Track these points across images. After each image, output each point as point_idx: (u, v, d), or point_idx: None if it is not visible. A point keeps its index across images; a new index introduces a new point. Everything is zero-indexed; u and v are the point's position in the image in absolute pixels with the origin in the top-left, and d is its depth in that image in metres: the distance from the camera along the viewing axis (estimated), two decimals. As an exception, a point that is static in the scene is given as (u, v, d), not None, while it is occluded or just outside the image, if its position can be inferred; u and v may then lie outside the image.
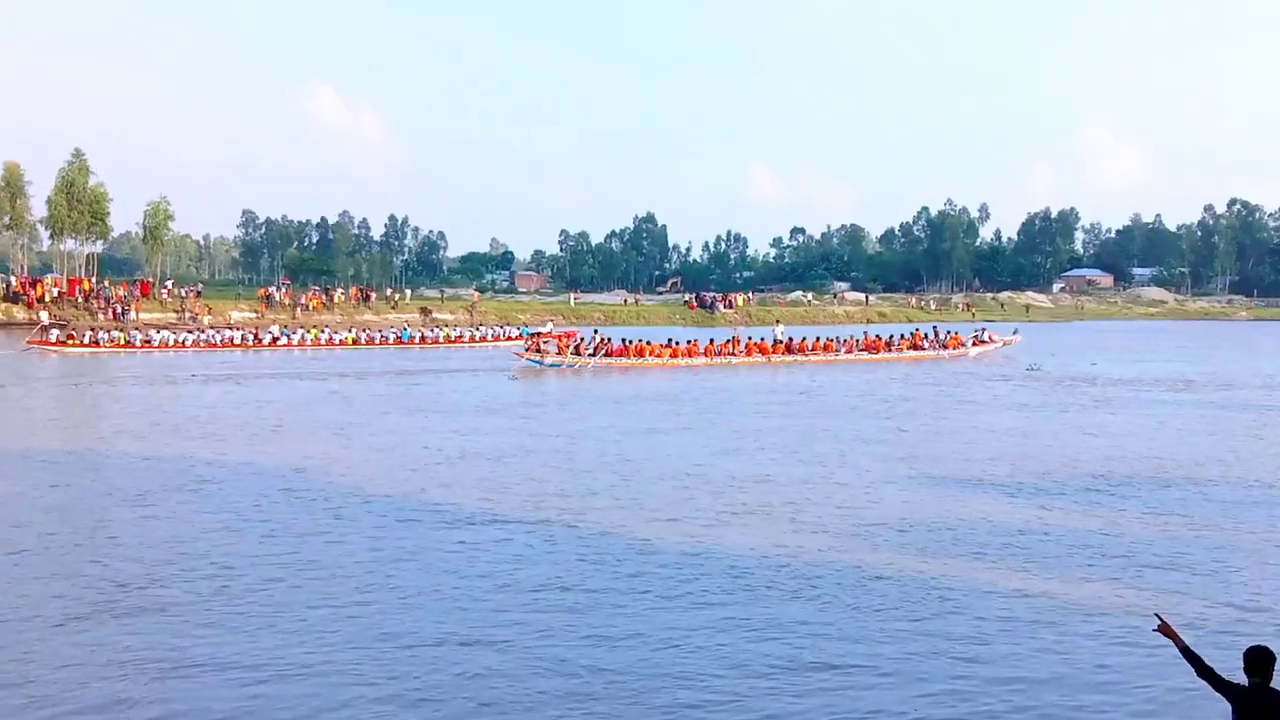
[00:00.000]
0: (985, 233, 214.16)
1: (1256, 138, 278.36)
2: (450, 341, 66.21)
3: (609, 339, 51.43)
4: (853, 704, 9.95)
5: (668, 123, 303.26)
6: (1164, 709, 9.95)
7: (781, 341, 55.06)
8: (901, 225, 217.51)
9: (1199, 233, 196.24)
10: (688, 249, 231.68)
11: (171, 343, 59.74)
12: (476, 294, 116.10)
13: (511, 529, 16.44)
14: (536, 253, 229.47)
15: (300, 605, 12.77)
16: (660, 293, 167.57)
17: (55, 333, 60.03)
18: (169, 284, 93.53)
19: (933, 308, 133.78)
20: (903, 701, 9.99)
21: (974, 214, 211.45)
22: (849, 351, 54.74)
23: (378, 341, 64.38)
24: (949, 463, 22.85)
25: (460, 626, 12.00)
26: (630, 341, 51.07)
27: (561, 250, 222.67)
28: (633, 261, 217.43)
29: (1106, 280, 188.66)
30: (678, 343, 52.03)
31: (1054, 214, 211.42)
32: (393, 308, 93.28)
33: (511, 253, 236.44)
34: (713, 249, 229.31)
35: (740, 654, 11.18)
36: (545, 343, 49.84)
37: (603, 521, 16.76)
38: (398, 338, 65.81)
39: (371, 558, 14.79)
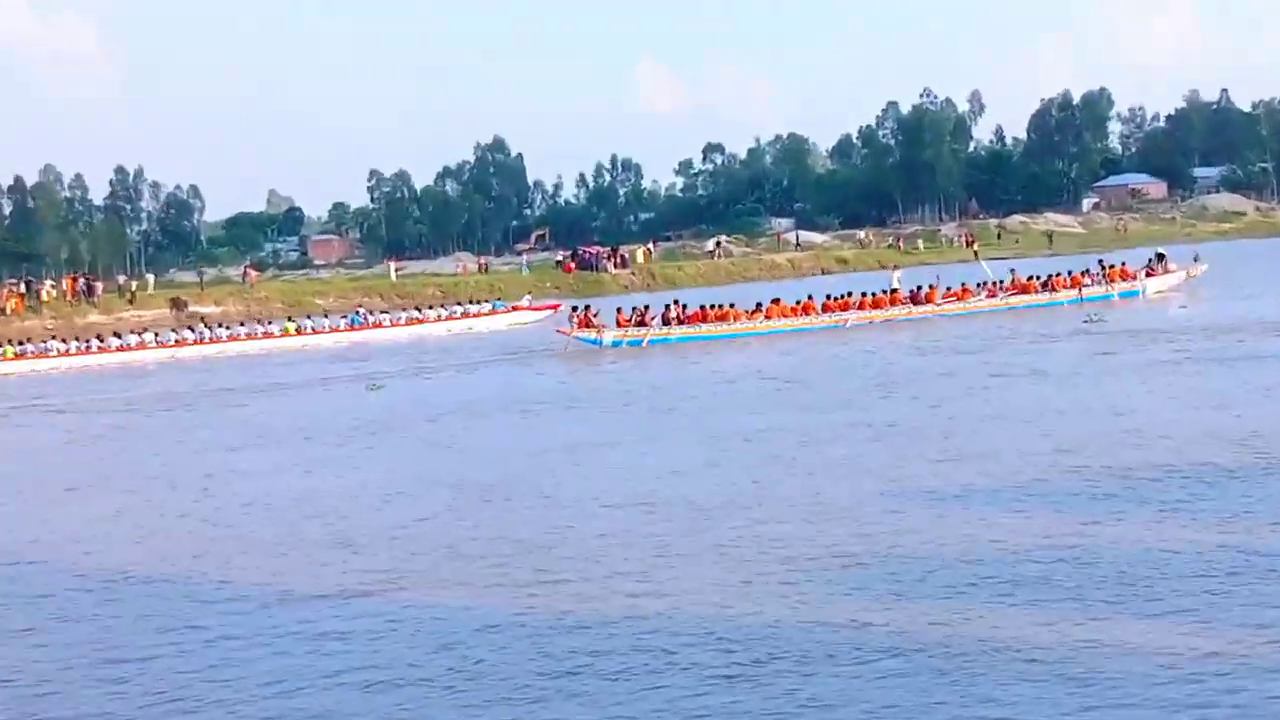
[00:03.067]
0: (981, 133, 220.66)
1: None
2: (415, 322, 73.57)
3: (683, 305, 55.91)
4: None
5: (510, 9, 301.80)
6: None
7: (898, 290, 59.86)
8: (862, 131, 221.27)
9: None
10: (556, 186, 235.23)
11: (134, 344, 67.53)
12: (252, 273, 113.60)
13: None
14: (337, 207, 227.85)
15: None
16: (522, 252, 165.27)
17: None
18: None
19: (901, 246, 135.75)
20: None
21: (963, 108, 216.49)
22: (991, 297, 58.92)
23: (375, 324, 72.65)
24: (1021, 460, 23.02)
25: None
26: (712, 306, 55.79)
27: (373, 201, 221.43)
28: (478, 210, 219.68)
29: (1157, 188, 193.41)
30: (775, 301, 56.36)
31: (1076, 100, 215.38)
32: (129, 301, 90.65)
33: (300, 210, 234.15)
34: (593, 183, 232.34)
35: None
36: (595, 315, 54.16)
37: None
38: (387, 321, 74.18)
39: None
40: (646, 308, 55.35)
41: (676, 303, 55.94)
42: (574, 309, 56.01)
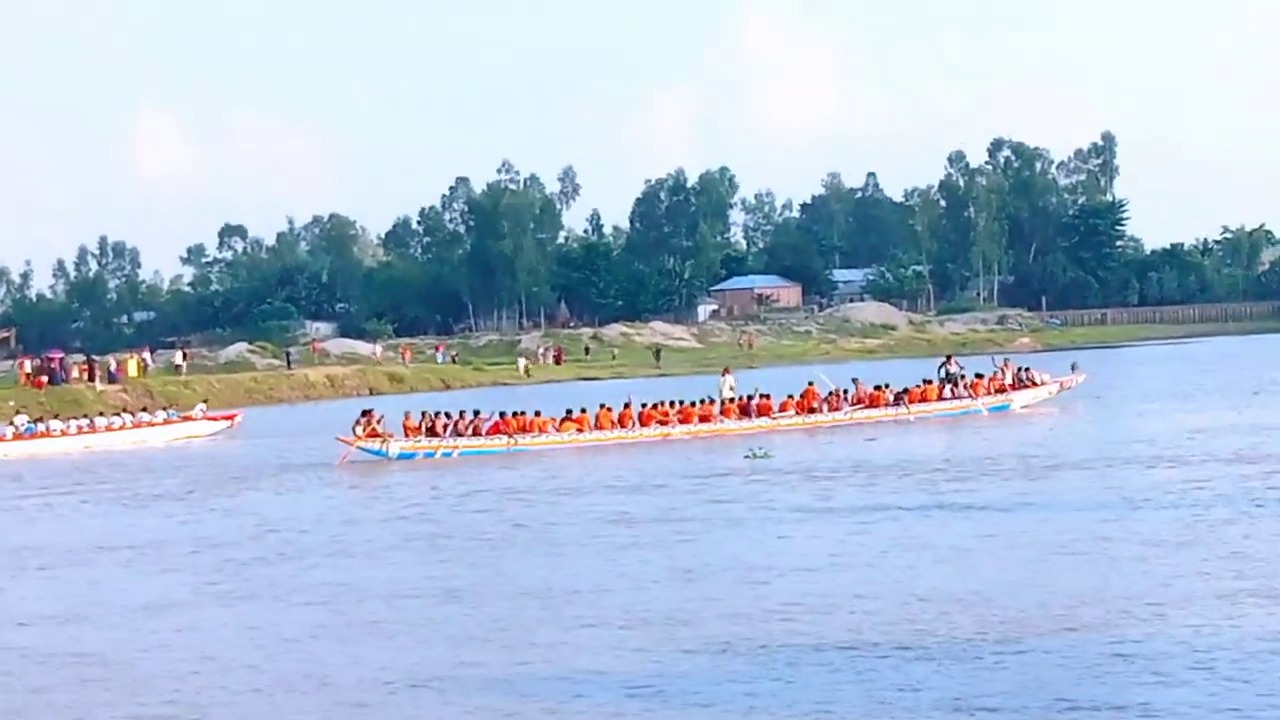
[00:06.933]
0: (574, 221, 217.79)
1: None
2: (111, 429, 74.55)
3: (478, 412, 59.05)
4: None
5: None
6: None
7: (732, 400, 62.38)
8: (424, 214, 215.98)
9: (943, 201, 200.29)
10: (25, 276, 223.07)
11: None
12: None
13: None
14: None
15: None
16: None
17: None
18: None
19: (443, 361, 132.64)
20: None
21: (552, 188, 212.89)
22: (833, 410, 61.66)
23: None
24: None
25: None
26: (519, 414, 58.87)
27: None
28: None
29: (790, 293, 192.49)
30: (585, 410, 59.83)
31: (692, 181, 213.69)
32: None
33: None
34: (74, 273, 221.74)
35: None
36: (379, 422, 56.68)
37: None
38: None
39: None
40: (437, 415, 58.03)
41: (478, 414, 58.70)
42: (362, 414, 58.05)
